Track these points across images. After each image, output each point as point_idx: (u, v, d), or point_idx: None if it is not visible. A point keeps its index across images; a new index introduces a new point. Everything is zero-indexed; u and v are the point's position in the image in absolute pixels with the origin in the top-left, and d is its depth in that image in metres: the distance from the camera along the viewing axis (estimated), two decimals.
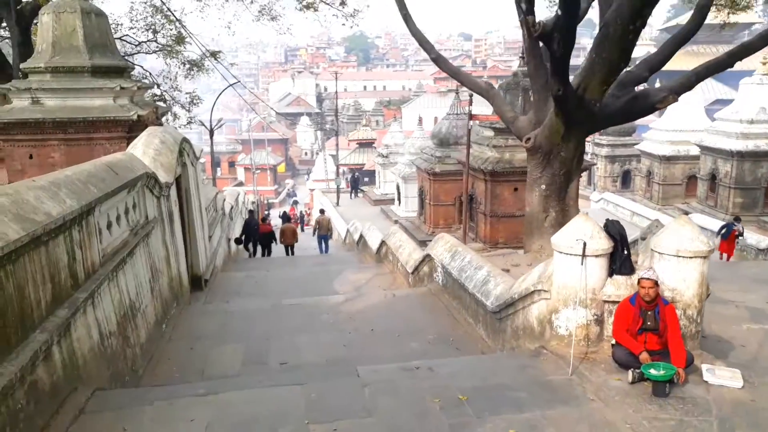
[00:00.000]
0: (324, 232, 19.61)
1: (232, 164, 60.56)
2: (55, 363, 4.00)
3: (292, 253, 19.00)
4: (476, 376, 4.78)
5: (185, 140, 10.17)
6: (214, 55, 22.03)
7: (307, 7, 14.99)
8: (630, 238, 5.44)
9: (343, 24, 15.07)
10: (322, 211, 21.55)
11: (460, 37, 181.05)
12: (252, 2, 19.65)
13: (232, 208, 18.40)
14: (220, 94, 25.90)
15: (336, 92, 39.25)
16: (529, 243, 9.34)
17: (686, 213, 23.59)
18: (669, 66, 9.92)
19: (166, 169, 8.48)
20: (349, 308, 8.42)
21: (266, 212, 29.99)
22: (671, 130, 27.41)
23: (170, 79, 21.27)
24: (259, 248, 18.50)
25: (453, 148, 23.53)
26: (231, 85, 23.06)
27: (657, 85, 14.22)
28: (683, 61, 23.67)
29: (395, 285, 11.44)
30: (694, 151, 26.00)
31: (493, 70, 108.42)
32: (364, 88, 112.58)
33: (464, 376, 4.80)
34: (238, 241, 17.66)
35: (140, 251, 6.58)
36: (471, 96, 16.65)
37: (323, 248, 19.73)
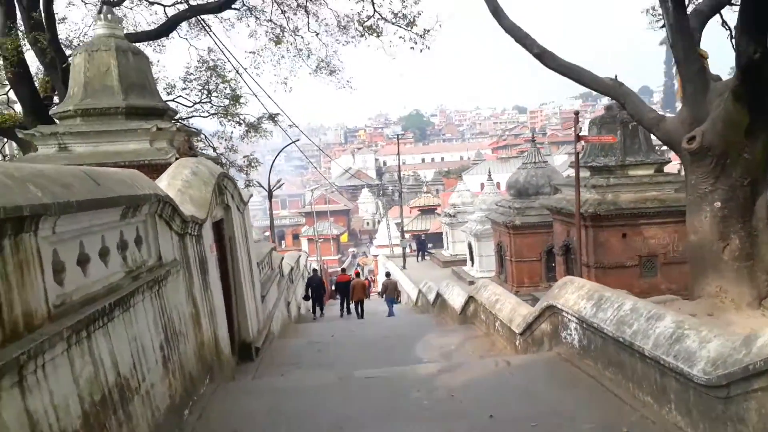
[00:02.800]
0: (391, 296, 18.33)
1: (296, 236, 60.61)
2: None
3: (362, 312, 17.63)
4: None
5: (226, 176, 8.29)
6: (272, 117, 21.17)
7: (370, 30, 13.15)
8: None
9: (412, 47, 13.20)
10: (387, 275, 19.85)
11: (514, 110, 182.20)
12: (309, 57, 18.63)
13: (292, 269, 16.44)
14: (280, 151, 24.70)
15: (398, 155, 37.88)
16: (700, 285, 6.49)
17: None
18: None
19: (197, 204, 6.53)
20: (448, 382, 5.87)
21: (343, 263, 29.04)
22: None
23: (225, 140, 20.17)
24: (323, 304, 18.00)
25: (533, 198, 21.20)
26: (293, 142, 21.98)
27: None
28: None
29: (494, 350, 8.81)
30: None
31: (552, 137, 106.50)
32: (422, 160, 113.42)
33: None
34: (306, 297, 17.19)
35: (144, 304, 4.44)
36: (577, 114, 14.27)
37: (391, 311, 18.19)
